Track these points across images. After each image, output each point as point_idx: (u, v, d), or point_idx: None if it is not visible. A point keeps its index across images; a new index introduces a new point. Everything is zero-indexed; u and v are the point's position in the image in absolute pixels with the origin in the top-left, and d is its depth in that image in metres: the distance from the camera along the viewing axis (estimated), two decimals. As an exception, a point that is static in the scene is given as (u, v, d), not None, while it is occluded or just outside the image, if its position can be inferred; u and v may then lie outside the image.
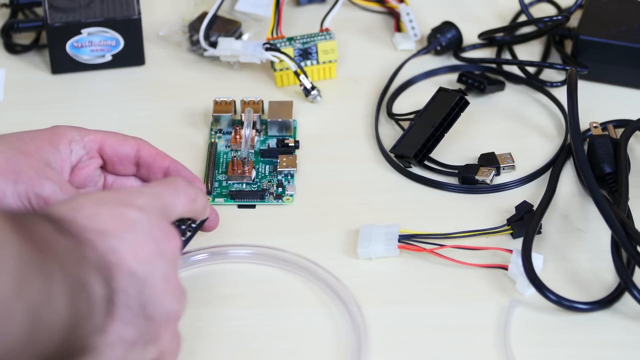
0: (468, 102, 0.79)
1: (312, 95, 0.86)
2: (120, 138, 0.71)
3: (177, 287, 0.59)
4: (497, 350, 0.66)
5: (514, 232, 0.74)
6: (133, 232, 0.56)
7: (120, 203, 0.58)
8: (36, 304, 0.48)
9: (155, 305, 0.57)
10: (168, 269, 0.58)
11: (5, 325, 0.46)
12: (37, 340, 0.49)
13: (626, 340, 0.67)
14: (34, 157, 0.65)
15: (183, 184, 0.63)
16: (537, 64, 0.88)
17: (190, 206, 0.64)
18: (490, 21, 0.95)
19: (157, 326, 0.57)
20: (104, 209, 0.57)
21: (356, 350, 0.65)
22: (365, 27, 0.95)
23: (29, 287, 0.48)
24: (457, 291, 0.70)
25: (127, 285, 0.55)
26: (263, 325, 0.68)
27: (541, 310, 0.68)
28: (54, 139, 0.68)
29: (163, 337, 0.58)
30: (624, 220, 0.70)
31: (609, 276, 0.71)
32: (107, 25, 0.87)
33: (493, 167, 0.79)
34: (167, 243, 0.59)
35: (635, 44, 0.86)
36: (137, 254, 0.56)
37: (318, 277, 0.70)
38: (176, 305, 0.58)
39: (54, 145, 0.67)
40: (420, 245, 0.72)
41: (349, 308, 0.68)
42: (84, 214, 0.56)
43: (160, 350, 0.59)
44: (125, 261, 0.55)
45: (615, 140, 0.79)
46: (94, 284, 0.53)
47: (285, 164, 0.79)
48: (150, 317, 0.57)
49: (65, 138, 0.68)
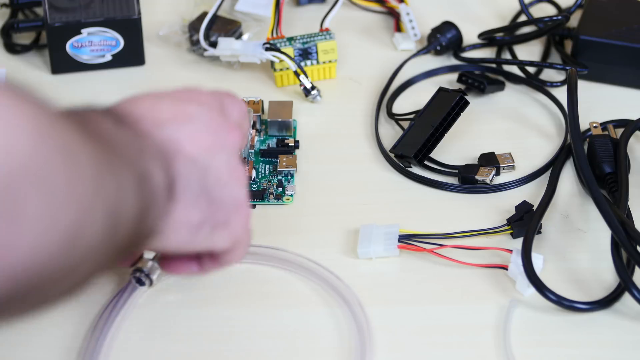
0: (468, 102, 0.79)
1: (312, 95, 0.86)
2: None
3: (241, 175, 0.60)
4: (497, 350, 0.66)
5: (514, 232, 0.74)
6: (192, 123, 0.58)
7: (179, 99, 0.59)
8: (113, 202, 0.49)
9: (220, 190, 0.58)
10: (230, 159, 0.60)
11: (90, 226, 0.47)
12: (115, 234, 0.50)
13: (626, 340, 0.67)
14: None
15: (239, 98, 0.65)
16: (537, 64, 0.88)
17: (242, 120, 0.65)
18: (490, 21, 0.95)
19: (225, 211, 0.59)
20: (163, 103, 0.58)
21: (360, 350, 0.65)
22: (365, 27, 0.95)
23: (105, 186, 0.49)
24: (457, 291, 0.70)
25: (188, 171, 0.57)
26: (264, 326, 0.68)
27: (541, 310, 0.68)
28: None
29: (234, 224, 0.60)
30: (624, 220, 0.70)
31: (609, 276, 0.71)
32: (107, 25, 0.87)
33: (493, 167, 0.79)
34: (227, 135, 0.60)
35: (635, 44, 0.86)
36: (197, 142, 0.57)
37: (320, 277, 0.70)
38: (242, 191, 0.60)
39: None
40: (420, 245, 0.72)
41: (352, 308, 0.68)
42: (143, 107, 0.57)
43: (232, 238, 0.61)
44: (184, 149, 0.57)
45: (615, 140, 0.79)
46: (155, 172, 0.54)
47: (285, 164, 0.79)
48: (216, 201, 0.58)
49: None
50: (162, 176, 0.54)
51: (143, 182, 0.52)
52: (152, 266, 0.68)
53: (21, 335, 0.66)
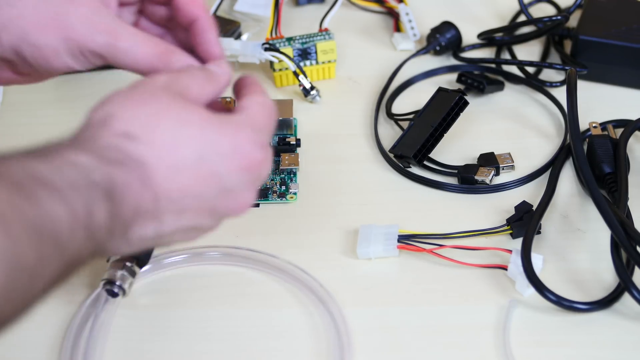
0: (467, 102, 0.79)
1: (311, 95, 0.86)
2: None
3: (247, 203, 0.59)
4: (496, 351, 0.66)
5: (513, 232, 0.73)
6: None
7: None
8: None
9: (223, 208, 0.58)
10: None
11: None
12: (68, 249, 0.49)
13: (626, 340, 0.67)
14: (81, 1, 0.61)
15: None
16: (536, 64, 0.88)
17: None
18: (490, 21, 0.95)
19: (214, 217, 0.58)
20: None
21: (339, 352, 0.65)
22: (364, 27, 0.95)
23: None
24: (456, 291, 0.70)
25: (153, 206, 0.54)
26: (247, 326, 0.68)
27: (541, 310, 0.68)
28: None
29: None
30: (623, 220, 0.70)
31: (609, 276, 0.71)
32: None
33: (492, 167, 0.79)
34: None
35: (635, 44, 0.86)
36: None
37: (295, 278, 0.70)
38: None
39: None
40: (419, 245, 0.72)
41: (329, 308, 0.68)
42: (139, 125, 0.54)
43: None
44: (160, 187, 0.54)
45: (614, 140, 0.79)
46: (97, 210, 0.51)
47: (287, 162, 0.79)
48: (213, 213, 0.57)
49: None
50: (105, 214, 0.51)
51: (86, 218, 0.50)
52: (122, 276, 0.67)
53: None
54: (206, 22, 0.64)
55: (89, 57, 0.61)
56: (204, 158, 0.55)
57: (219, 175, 0.56)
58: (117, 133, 0.53)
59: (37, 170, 0.49)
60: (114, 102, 0.55)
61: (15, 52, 0.61)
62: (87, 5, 0.61)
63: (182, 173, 0.54)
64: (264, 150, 0.58)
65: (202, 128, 0.55)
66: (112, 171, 0.52)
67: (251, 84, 0.62)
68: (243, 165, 0.56)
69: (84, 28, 0.60)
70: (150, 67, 0.61)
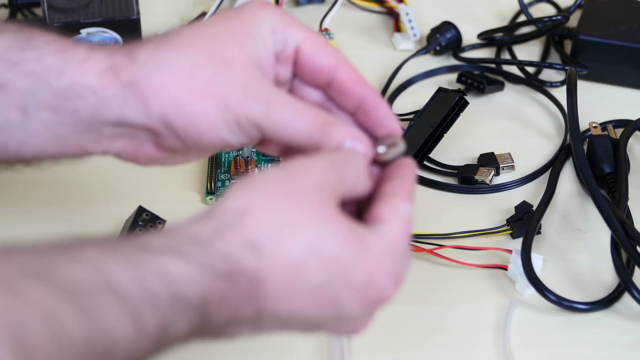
0: (467, 102, 0.79)
1: (311, 95, 0.86)
2: (321, 45, 0.56)
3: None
4: (496, 351, 0.66)
5: (513, 232, 0.73)
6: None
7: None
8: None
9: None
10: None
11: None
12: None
13: (626, 340, 0.67)
14: (236, 66, 0.54)
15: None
16: (536, 64, 0.88)
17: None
18: (490, 21, 0.95)
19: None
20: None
21: (339, 352, 0.65)
22: (364, 27, 0.95)
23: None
24: (456, 291, 0.70)
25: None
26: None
27: (541, 310, 0.68)
28: (254, 26, 0.55)
29: None
30: (623, 220, 0.70)
31: (609, 276, 0.71)
32: (106, 25, 0.86)
33: (492, 167, 0.79)
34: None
35: (635, 44, 0.86)
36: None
37: None
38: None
39: (253, 35, 0.55)
40: (419, 245, 0.72)
41: None
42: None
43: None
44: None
45: (614, 141, 0.79)
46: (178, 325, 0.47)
47: (287, 163, 0.79)
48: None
49: (266, 22, 0.55)
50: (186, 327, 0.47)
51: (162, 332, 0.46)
52: None
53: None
54: (376, 97, 0.56)
55: (246, 127, 0.53)
56: (329, 284, 0.48)
57: (339, 305, 0.49)
58: (243, 241, 0.47)
59: (110, 272, 0.44)
60: (256, 193, 0.49)
61: (164, 122, 0.53)
62: (244, 71, 0.54)
63: (298, 295, 0.48)
64: (398, 285, 0.51)
65: (339, 250, 0.48)
66: (214, 285, 0.46)
67: (403, 178, 0.54)
68: (371, 301, 0.50)
69: (240, 96, 0.53)
70: (310, 140, 0.53)
